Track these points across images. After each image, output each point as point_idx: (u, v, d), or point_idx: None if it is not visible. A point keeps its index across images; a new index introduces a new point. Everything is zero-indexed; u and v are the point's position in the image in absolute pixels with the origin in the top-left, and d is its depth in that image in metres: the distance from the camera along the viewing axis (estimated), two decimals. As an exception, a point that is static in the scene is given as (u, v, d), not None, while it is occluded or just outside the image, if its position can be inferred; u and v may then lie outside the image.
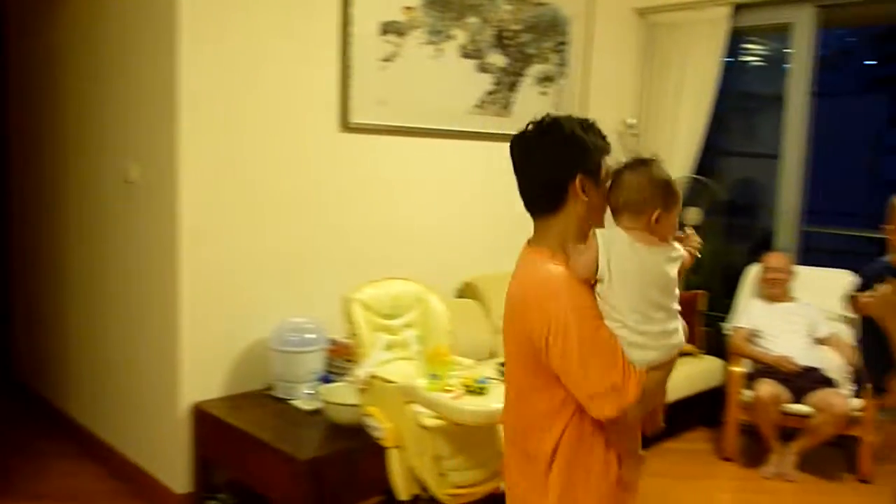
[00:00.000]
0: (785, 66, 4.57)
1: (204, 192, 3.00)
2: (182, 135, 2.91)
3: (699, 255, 1.66)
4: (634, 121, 4.78)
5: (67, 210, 3.78)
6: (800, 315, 4.04)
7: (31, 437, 3.80)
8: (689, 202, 4.57)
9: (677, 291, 1.53)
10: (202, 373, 3.08)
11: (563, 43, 4.30)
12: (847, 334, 4.05)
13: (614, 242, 1.46)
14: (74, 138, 3.67)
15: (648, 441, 1.62)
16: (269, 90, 3.15)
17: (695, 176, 4.60)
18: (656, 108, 4.78)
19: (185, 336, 3.01)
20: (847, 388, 3.83)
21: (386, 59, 3.50)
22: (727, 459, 3.93)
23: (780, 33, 4.63)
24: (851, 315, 2.37)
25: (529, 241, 1.60)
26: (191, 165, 2.95)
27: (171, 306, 3.01)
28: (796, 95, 4.47)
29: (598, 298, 1.46)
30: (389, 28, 3.48)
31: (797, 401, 3.75)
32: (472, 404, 2.20)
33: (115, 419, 3.48)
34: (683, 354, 4.11)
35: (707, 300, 4.47)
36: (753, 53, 5.81)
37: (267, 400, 3.09)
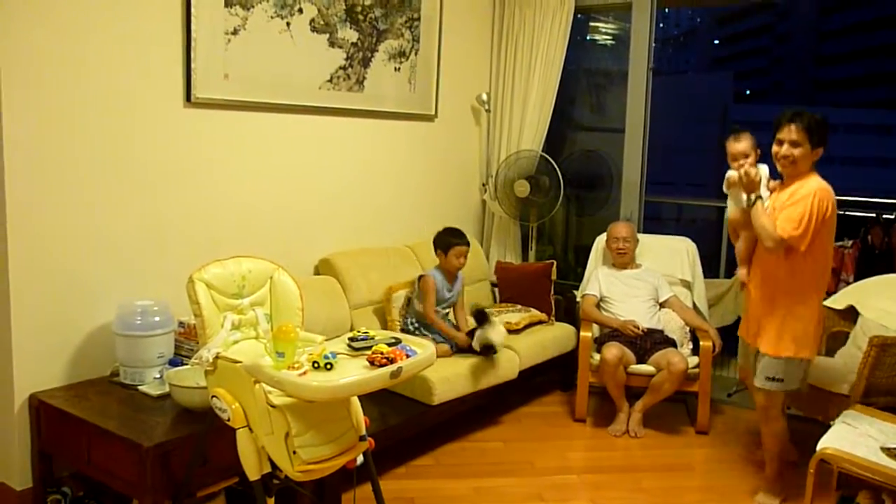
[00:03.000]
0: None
1: (34, 167, 2.82)
2: (4, 105, 2.71)
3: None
4: (489, 96, 4.87)
5: None
6: (644, 280, 4.28)
7: None
8: (536, 176, 4.73)
9: None
10: (39, 361, 2.92)
11: (415, 19, 4.32)
12: (686, 297, 4.33)
13: None
14: None
15: (505, 406, 1.67)
16: (104, 61, 2.98)
17: (543, 154, 4.75)
18: (508, 83, 4.90)
19: (18, 323, 2.84)
20: (686, 348, 4.11)
21: (231, 33, 3.40)
22: (580, 420, 4.13)
23: (625, 12, 4.84)
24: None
25: None
26: (16, 139, 2.76)
27: (1, 290, 2.83)
28: (637, 72, 4.70)
29: None
30: (234, 0, 3.38)
31: (641, 361, 3.98)
32: (318, 380, 2.20)
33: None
34: (538, 323, 4.30)
35: (558, 269, 4.65)
36: (603, 32, 6.06)
37: (112, 387, 2.98)
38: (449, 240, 3.89)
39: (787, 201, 2.98)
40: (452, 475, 3.48)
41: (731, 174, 3.18)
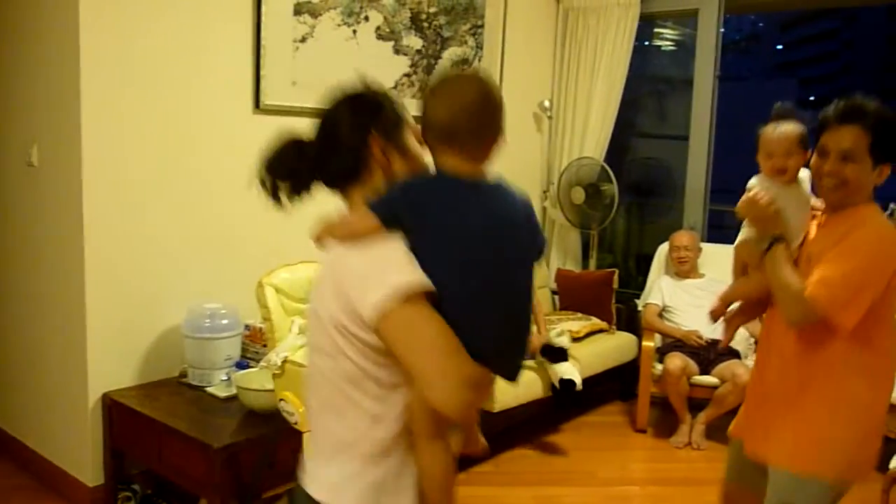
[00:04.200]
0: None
1: (110, 175, 2.91)
2: (84, 117, 2.81)
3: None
4: (552, 102, 4.85)
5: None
6: (707, 290, 4.19)
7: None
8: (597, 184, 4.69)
9: None
10: (112, 362, 3.00)
11: (478, 26, 4.32)
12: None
13: None
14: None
15: (566, 415, 1.69)
16: (178, 70, 3.07)
17: (602, 163, 4.71)
18: (570, 90, 4.87)
19: (93, 324, 2.93)
20: (751, 360, 4.01)
21: (300, 40, 3.45)
22: (640, 431, 4.07)
23: (689, 18, 4.77)
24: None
25: None
26: (95, 148, 2.86)
27: (77, 294, 2.92)
28: (703, 79, 4.62)
29: None
30: (303, 8, 3.43)
31: (705, 373, 3.90)
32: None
33: (23, 412, 3.37)
34: (599, 331, 4.25)
35: (619, 278, 4.60)
36: (665, 38, 5.97)
37: (181, 388, 3.04)
38: None
39: (831, 248, 1.84)
40: (513, 483, 3.47)
41: (753, 186, 2.00)
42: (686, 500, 3.37)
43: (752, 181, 2.02)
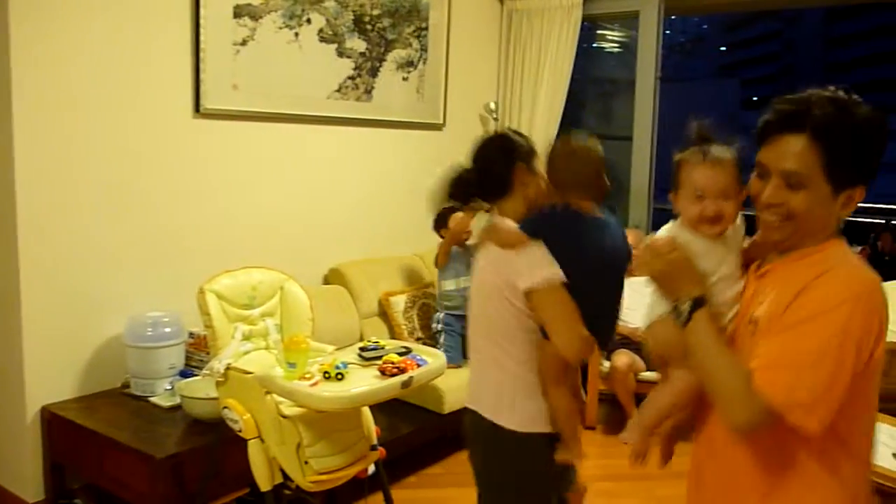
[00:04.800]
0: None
1: (46, 181, 2.84)
2: (16, 121, 2.74)
3: None
4: (497, 104, 4.88)
5: None
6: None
7: None
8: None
9: None
10: (51, 374, 2.93)
11: (423, 28, 4.33)
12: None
13: None
14: None
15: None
16: (116, 74, 3.00)
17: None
18: (515, 92, 4.90)
19: (30, 336, 2.85)
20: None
21: (240, 43, 3.41)
22: (589, 428, 4.11)
23: (632, 20, 4.84)
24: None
25: None
26: (28, 154, 2.78)
27: (12, 304, 2.84)
28: (645, 80, 4.70)
29: None
30: (243, 11, 3.40)
31: (652, 369, 3.96)
32: (330, 390, 2.20)
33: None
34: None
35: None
36: (610, 40, 6.06)
37: (124, 398, 2.98)
38: (448, 212, 3.76)
39: (784, 312, 1.28)
40: (463, 484, 3.43)
41: (659, 240, 1.45)
42: (637, 495, 3.42)
43: (663, 232, 1.48)
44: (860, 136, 1.27)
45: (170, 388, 2.95)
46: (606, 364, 4.01)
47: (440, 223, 3.87)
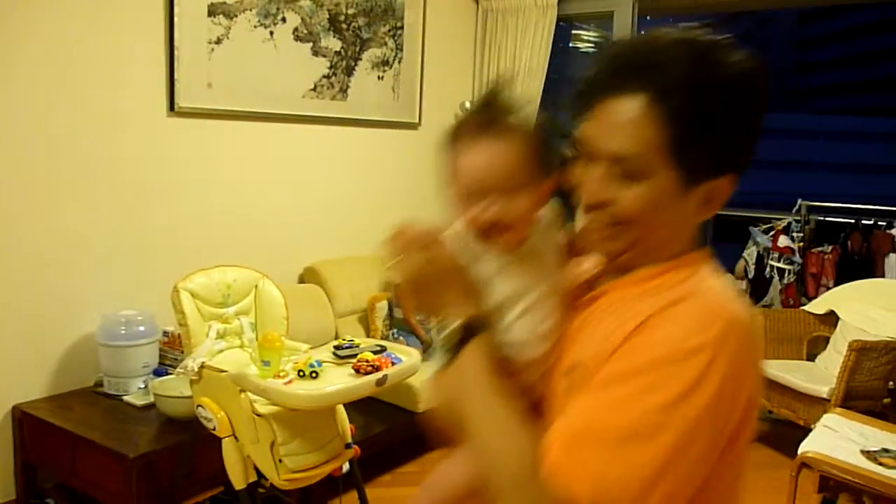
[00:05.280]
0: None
1: (14, 180, 2.82)
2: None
3: None
4: (470, 104, 4.90)
5: None
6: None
7: None
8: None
9: None
10: (22, 372, 2.91)
11: (398, 27, 4.34)
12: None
13: None
14: None
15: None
16: (88, 71, 2.98)
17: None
18: (492, 91, 4.92)
19: (0, 333, 2.83)
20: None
21: (215, 42, 3.40)
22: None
23: (606, 20, 4.88)
24: None
25: None
26: (3, 149, 2.76)
27: (-17, 303, 2.82)
28: (619, 80, 4.74)
29: None
30: (217, 9, 3.38)
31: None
32: (304, 388, 2.21)
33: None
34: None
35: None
36: (585, 40, 6.11)
37: (97, 397, 2.97)
38: None
39: (611, 354, 0.83)
40: (438, 482, 3.49)
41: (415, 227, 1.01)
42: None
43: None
44: (726, 101, 0.80)
45: (143, 386, 2.94)
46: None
47: None
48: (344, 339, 2.57)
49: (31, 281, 2.90)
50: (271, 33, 3.64)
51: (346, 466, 2.57)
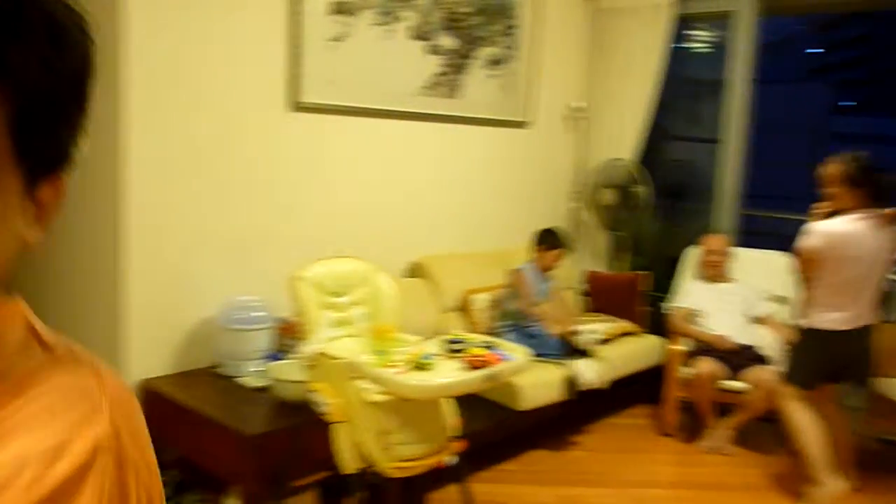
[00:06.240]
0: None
1: (150, 168, 2.99)
2: (130, 111, 2.89)
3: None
4: (583, 104, 4.86)
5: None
6: (737, 295, 4.19)
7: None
8: (628, 186, 4.69)
9: None
10: (150, 350, 3.08)
11: (512, 26, 4.35)
12: (782, 314, 4.22)
13: None
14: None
15: (592, 416, 1.62)
16: (218, 68, 3.13)
17: (636, 163, 4.71)
18: (603, 91, 4.88)
19: (133, 313, 3.00)
20: (779, 365, 3.99)
21: (336, 39, 3.50)
22: (667, 435, 4.07)
23: (723, 20, 4.75)
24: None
25: None
26: (137, 142, 2.93)
27: (119, 283, 3.00)
28: (737, 82, 4.60)
29: None
30: (339, 8, 3.49)
31: (733, 378, 3.89)
32: (417, 379, 2.26)
33: (60, 398, 3.45)
34: (626, 334, 4.26)
35: (649, 281, 4.60)
36: (699, 40, 5.95)
37: (214, 377, 3.11)
38: (555, 240, 3.95)
39: None
40: (537, 482, 3.49)
41: None
42: (711, 504, 3.37)
43: None
44: (79, 81, 0.61)
45: (258, 369, 3.06)
46: (687, 370, 3.96)
47: (546, 246, 3.98)
48: (454, 334, 2.60)
49: (161, 267, 3.07)
50: (389, 31, 3.71)
51: (450, 459, 2.61)
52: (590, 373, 3.72)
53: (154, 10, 2.92)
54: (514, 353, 2.50)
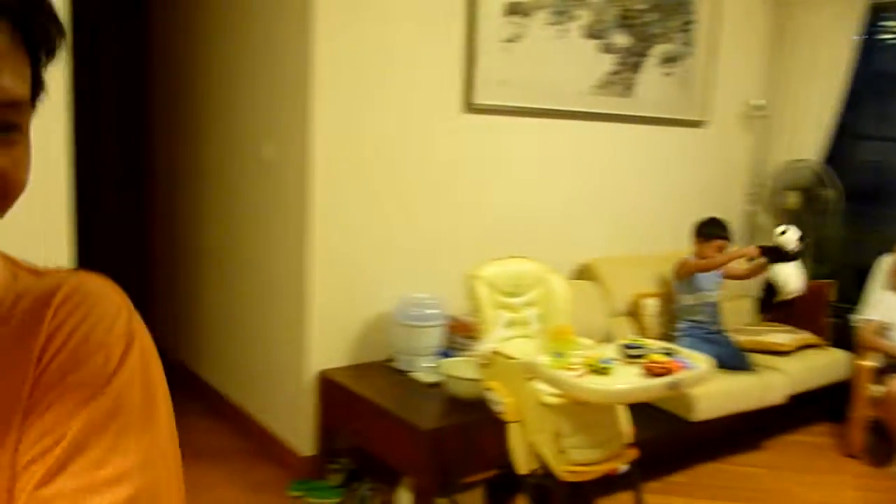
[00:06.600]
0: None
1: (333, 170, 3.13)
2: (315, 117, 3.04)
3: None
4: (762, 102, 4.62)
5: (204, 187, 4.01)
6: (937, 309, 3.83)
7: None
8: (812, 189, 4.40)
9: None
10: (328, 342, 3.22)
11: (688, 22, 4.19)
12: None
13: None
14: (212, 121, 3.87)
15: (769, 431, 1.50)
16: (396, 72, 3.23)
17: (821, 165, 4.41)
18: (785, 88, 4.61)
19: (314, 307, 3.15)
20: None
21: (510, 40, 3.51)
22: (851, 456, 3.78)
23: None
24: None
25: None
26: (322, 146, 3.07)
27: (302, 279, 3.16)
28: (942, 76, 4.21)
29: None
30: (515, 8, 3.49)
31: (932, 399, 3.56)
32: (597, 383, 2.22)
33: (245, 383, 3.68)
34: (809, 346, 4.00)
35: (835, 290, 4.30)
36: (891, 30, 5.48)
37: (388, 371, 3.20)
38: (713, 230, 3.75)
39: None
40: (709, 496, 3.34)
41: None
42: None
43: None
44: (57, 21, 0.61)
45: (430, 365, 3.12)
46: (876, 388, 3.66)
47: (705, 236, 3.75)
48: (631, 339, 2.54)
49: (340, 264, 3.20)
50: (563, 31, 3.68)
51: (623, 467, 2.54)
52: (795, 279, 3.48)
53: (339, 17, 3.05)
54: (696, 361, 2.40)
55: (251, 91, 3.47)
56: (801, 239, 3.45)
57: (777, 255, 3.48)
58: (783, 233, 3.47)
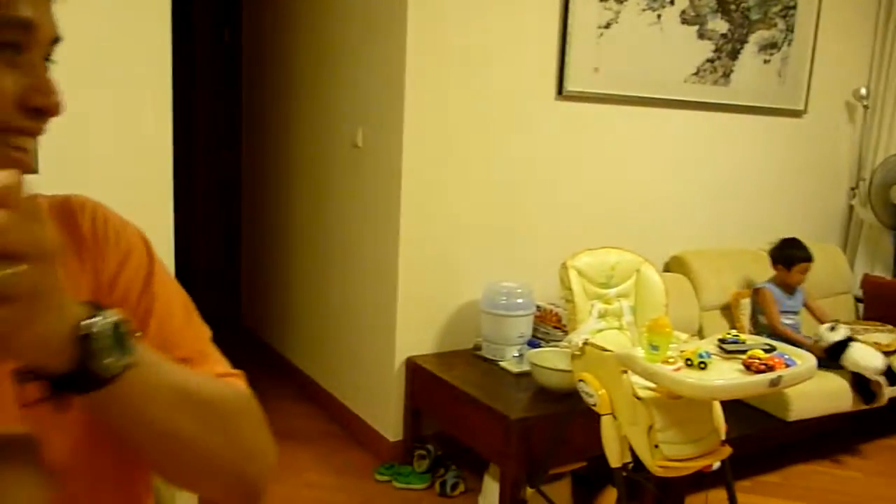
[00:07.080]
0: None
1: (424, 158, 3.14)
2: (407, 104, 3.05)
3: None
4: (866, 91, 4.41)
5: (296, 172, 4.09)
6: None
7: (253, 379, 4.16)
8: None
9: None
10: (416, 329, 3.24)
11: (789, 7, 4.03)
12: None
13: None
14: (306, 108, 3.94)
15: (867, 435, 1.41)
16: (490, 58, 3.21)
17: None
18: (891, 77, 4.38)
19: (403, 294, 3.18)
20: None
21: (604, 26, 3.45)
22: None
23: None
24: None
25: None
26: (414, 133, 3.09)
27: (391, 266, 3.18)
28: None
29: None
30: (609, -6, 3.43)
31: None
32: (696, 378, 2.16)
33: (334, 367, 3.75)
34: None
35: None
36: None
37: (475, 359, 3.20)
38: (793, 254, 3.58)
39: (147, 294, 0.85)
40: (801, 498, 3.23)
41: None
42: None
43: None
44: None
45: (517, 355, 3.11)
46: None
47: (785, 262, 3.61)
48: (728, 334, 2.46)
49: (428, 253, 3.22)
50: (658, 16, 3.59)
51: (716, 464, 2.48)
52: (872, 356, 3.35)
53: (435, 3, 3.05)
54: (799, 359, 2.32)
55: (347, 81, 3.51)
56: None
57: (835, 351, 3.37)
58: (832, 329, 3.40)
